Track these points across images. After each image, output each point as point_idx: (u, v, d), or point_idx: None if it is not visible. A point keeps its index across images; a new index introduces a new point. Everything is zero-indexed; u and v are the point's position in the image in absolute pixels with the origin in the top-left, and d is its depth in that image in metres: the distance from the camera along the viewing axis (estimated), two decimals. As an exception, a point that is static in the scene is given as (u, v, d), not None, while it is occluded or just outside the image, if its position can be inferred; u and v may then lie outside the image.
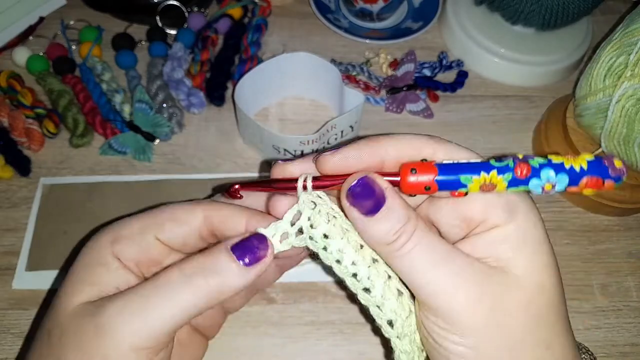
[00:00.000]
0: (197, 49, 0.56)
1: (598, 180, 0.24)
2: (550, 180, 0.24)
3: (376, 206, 0.25)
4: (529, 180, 0.25)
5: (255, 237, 0.27)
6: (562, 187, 0.24)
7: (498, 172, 0.25)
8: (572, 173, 0.24)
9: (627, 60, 0.41)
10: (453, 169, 0.25)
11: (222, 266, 0.26)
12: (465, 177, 0.25)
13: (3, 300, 0.42)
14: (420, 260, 0.25)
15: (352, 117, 0.48)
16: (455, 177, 0.25)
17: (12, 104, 0.51)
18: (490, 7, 0.57)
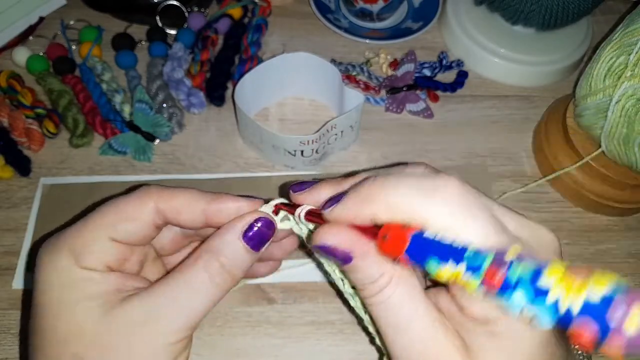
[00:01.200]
0: (197, 49, 0.56)
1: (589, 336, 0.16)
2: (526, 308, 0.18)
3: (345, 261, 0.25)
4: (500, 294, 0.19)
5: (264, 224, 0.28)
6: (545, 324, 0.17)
7: (467, 269, 0.20)
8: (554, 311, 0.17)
9: (627, 60, 0.41)
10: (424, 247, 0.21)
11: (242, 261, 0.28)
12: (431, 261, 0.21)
13: (3, 300, 0.42)
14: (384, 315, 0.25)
15: (352, 117, 0.48)
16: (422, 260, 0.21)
17: (12, 104, 0.51)
18: (490, 7, 0.57)
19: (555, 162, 0.50)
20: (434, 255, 0.21)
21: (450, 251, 0.20)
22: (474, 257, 0.19)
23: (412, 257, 0.22)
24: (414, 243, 0.22)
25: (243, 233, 0.28)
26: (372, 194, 0.24)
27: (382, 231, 0.23)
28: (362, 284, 0.25)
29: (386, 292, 0.25)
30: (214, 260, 0.27)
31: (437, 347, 0.24)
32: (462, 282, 0.20)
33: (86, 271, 0.27)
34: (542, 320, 0.17)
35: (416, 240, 0.22)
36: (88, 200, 0.46)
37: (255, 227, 0.28)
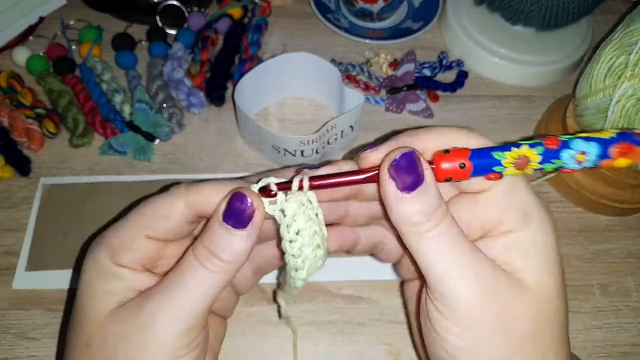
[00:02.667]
0: (197, 49, 0.56)
1: (628, 145, 0.24)
2: (582, 148, 0.24)
3: (415, 183, 0.25)
4: (560, 152, 0.25)
5: (237, 199, 0.27)
6: (595, 157, 0.24)
7: (529, 146, 0.25)
8: (600, 142, 0.24)
9: (627, 60, 0.41)
10: (485, 148, 0.26)
11: (225, 241, 0.27)
12: (497, 153, 0.25)
13: (3, 300, 0.42)
14: (440, 248, 0.26)
15: (352, 117, 0.48)
16: (488, 154, 0.25)
17: (12, 104, 0.51)
18: (490, 7, 0.57)
19: (555, 162, 0.50)
20: (497, 150, 0.25)
21: (507, 145, 0.25)
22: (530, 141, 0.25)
23: (477, 158, 0.25)
24: (475, 151, 0.26)
25: (222, 213, 0.27)
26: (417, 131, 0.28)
27: (437, 152, 0.26)
28: (426, 213, 0.25)
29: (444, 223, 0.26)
30: (200, 245, 0.27)
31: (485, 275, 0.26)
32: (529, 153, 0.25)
33: (118, 267, 0.28)
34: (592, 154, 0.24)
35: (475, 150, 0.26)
36: (88, 200, 0.47)
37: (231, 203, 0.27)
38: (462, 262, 0.26)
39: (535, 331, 0.26)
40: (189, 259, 0.27)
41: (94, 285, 0.28)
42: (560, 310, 0.27)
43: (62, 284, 0.42)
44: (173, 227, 0.29)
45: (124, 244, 0.29)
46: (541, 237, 0.27)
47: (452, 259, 0.26)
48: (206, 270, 0.27)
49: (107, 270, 0.28)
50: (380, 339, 0.42)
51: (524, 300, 0.26)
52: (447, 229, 0.26)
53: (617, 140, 0.24)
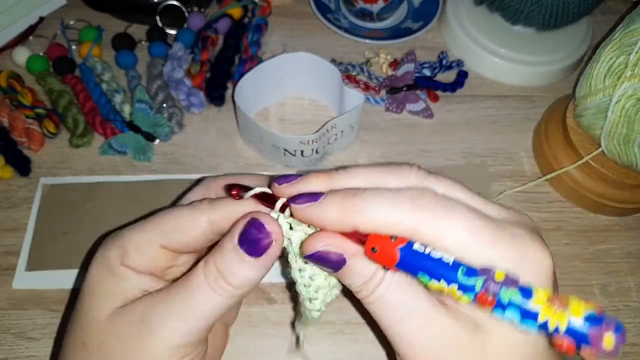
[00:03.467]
0: (197, 49, 0.56)
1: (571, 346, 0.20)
2: (515, 322, 0.21)
3: (337, 267, 0.26)
4: (493, 311, 0.21)
5: (254, 227, 0.26)
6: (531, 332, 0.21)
7: (459, 288, 0.22)
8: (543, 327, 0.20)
9: (627, 60, 0.41)
10: (416, 262, 0.23)
11: (236, 267, 0.26)
12: (423, 277, 0.23)
13: (3, 300, 0.42)
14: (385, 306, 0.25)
15: (352, 117, 0.48)
16: (414, 272, 0.23)
17: (12, 104, 0.51)
18: (490, 7, 0.57)
19: (555, 162, 0.50)
20: (425, 272, 0.22)
21: (440, 268, 0.22)
22: (466, 278, 0.21)
23: (403, 269, 0.23)
24: (404, 256, 0.23)
25: (238, 237, 0.26)
26: (355, 205, 0.24)
27: (369, 243, 0.24)
28: (359, 285, 0.25)
29: (382, 287, 0.25)
30: (212, 265, 0.27)
31: (442, 329, 0.24)
32: (455, 296, 0.22)
33: (124, 267, 0.28)
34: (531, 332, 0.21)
35: (406, 254, 0.23)
36: (88, 200, 0.47)
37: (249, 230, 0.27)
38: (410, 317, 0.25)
39: None
40: (198, 275, 0.27)
41: (99, 284, 0.28)
42: None
43: (62, 284, 0.42)
44: (190, 242, 0.29)
45: (137, 248, 0.28)
46: None
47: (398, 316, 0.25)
48: (212, 292, 0.26)
49: (115, 271, 0.28)
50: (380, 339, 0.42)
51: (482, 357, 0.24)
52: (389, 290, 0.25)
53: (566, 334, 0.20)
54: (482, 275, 0.21)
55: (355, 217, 0.24)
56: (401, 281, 0.25)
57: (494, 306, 0.21)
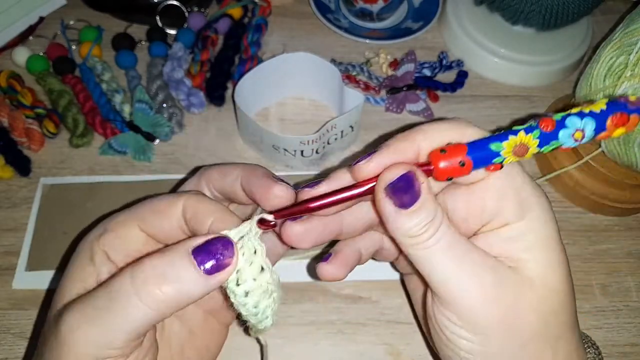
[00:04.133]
0: (197, 49, 0.56)
1: (623, 115, 0.24)
2: (578, 126, 0.24)
3: (411, 201, 0.25)
4: (557, 133, 0.24)
5: (221, 241, 0.24)
6: (592, 132, 0.24)
7: (525, 132, 0.25)
8: (595, 115, 0.24)
9: (627, 60, 0.41)
10: (482, 142, 0.25)
11: (180, 272, 0.23)
12: (495, 144, 0.25)
13: (3, 300, 0.42)
14: (440, 255, 0.26)
15: (352, 117, 0.48)
16: (485, 147, 0.25)
17: (12, 104, 0.51)
18: (490, 7, 0.57)
19: (555, 162, 0.50)
20: (495, 140, 0.25)
21: (503, 133, 0.25)
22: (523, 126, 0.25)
23: (475, 153, 0.25)
24: (471, 145, 0.25)
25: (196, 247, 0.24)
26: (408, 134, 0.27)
27: (433, 153, 0.26)
28: (423, 225, 0.25)
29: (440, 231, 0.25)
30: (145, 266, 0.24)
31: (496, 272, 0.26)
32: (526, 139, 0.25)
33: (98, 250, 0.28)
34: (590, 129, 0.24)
35: (470, 143, 0.26)
36: (88, 200, 0.47)
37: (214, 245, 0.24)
38: (463, 266, 0.26)
39: (543, 325, 0.26)
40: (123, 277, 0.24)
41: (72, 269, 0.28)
42: (565, 300, 0.27)
43: (62, 284, 0.43)
44: (165, 226, 0.28)
45: (115, 229, 0.28)
46: (540, 227, 0.27)
47: (453, 264, 0.25)
48: (137, 300, 0.23)
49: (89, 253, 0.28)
50: (380, 339, 0.42)
51: (529, 296, 0.26)
52: (444, 236, 0.26)
53: (611, 111, 0.24)
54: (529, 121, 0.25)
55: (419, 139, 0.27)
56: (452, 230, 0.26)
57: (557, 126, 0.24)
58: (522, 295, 0.26)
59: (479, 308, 0.25)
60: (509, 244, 0.27)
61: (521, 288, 0.26)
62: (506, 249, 0.27)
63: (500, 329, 0.26)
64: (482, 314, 0.25)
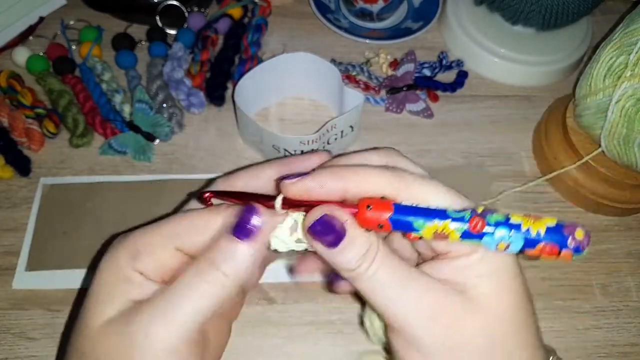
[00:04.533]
0: (197, 49, 0.56)
1: (553, 248, 0.24)
2: (504, 240, 0.24)
3: (337, 239, 0.26)
4: (482, 236, 0.24)
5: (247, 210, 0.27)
6: (517, 250, 0.24)
7: (452, 221, 0.25)
8: (527, 236, 0.24)
9: (627, 60, 0.41)
10: (408, 212, 0.25)
11: (228, 251, 0.26)
12: (418, 222, 0.25)
13: (3, 300, 0.42)
14: (382, 283, 0.26)
15: (352, 117, 0.48)
16: (408, 221, 0.25)
17: (12, 104, 0.51)
18: (490, 7, 0.57)
19: (555, 162, 0.50)
20: (419, 217, 0.25)
21: (431, 212, 0.25)
22: (456, 213, 0.25)
23: (396, 221, 0.25)
24: (397, 210, 0.25)
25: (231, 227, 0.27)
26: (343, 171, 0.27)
27: (363, 202, 0.26)
28: (356, 260, 0.25)
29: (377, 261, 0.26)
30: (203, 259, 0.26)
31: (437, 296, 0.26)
32: (448, 231, 0.25)
33: (133, 273, 0.27)
34: (515, 246, 0.24)
35: (399, 208, 0.25)
36: (88, 200, 0.47)
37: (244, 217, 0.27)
38: (406, 291, 0.26)
39: (489, 348, 0.26)
40: (187, 272, 0.26)
41: (104, 288, 0.27)
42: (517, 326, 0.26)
43: (62, 284, 0.42)
44: (201, 242, 0.28)
45: (149, 250, 0.27)
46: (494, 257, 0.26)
47: (395, 290, 0.26)
48: (205, 284, 0.26)
49: (121, 274, 0.27)
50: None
51: (474, 319, 0.26)
52: (382, 265, 0.26)
53: (546, 239, 0.24)
54: (468, 209, 0.25)
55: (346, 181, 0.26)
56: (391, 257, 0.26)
57: (483, 231, 0.24)
58: (467, 318, 0.26)
59: (422, 329, 0.25)
60: (458, 272, 0.26)
61: (466, 311, 0.26)
62: (456, 275, 0.27)
63: (445, 350, 0.25)
64: (425, 334, 0.25)
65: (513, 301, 0.26)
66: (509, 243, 0.24)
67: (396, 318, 0.26)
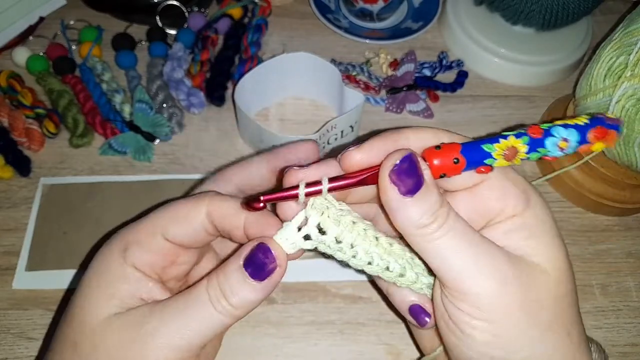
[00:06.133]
0: (197, 49, 0.56)
1: (602, 129, 0.25)
2: (563, 135, 0.25)
3: (416, 185, 0.25)
4: (544, 140, 0.25)
5: (261, 251, 0.27)
6: (575, 142, 0.25)
7: (515, 137, 0.25)
8: (578, 127, 0.25)
9: (627, 60, 0.41)
10: (475, 143, 0.26)
11: (239, 288, 0.27)
12: (487, 145, 0.26)
13: (3, 300, 0.42)
14: (451, 246, 0.25)
15: (352, 117, 0.48)
16: (478, 148, 0.26)
17: (12, 104, 0.51)
18: (490, 7, 0.57)
19: (555, 162, 0.50)
20: (486, 142, 0.26)
21: (496, 136, 0.26)
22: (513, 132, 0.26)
23: (468, 150, 0.26)
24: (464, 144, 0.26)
25: (244, 259, 0.27)
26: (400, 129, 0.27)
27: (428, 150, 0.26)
28: (430, 214, 0.25)
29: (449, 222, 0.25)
30: (214, 280, 0.27)
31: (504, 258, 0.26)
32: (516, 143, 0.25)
33: (129, 268, 0.28)
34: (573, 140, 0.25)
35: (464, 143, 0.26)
36: (88, 200, 0.47)
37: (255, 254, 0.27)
38: (477, 257, 0.25)
39: (559, 310, 0.26)
40: (201, 290, 0.27)
41: (98, 284, 0.28)
42: (573, 287, 0.27)
43: (62, 284, 0.42)
44: (190, 232, 0.29)
45: (139, 241, 0.28)
46: (543, 215, 0.27)
47: (466, 255, 0.25)
48: (213, 310, 0.27)
49: (117, 270, 0.28)
50: (380, 339, 0.42)
51: (543, 282, 0.26)
52: (454, 226, 0.25)
53: (592, 125, 0.25)
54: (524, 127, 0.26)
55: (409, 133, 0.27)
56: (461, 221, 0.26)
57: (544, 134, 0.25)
58: (537, 282, 0.26)
59: (496, 298, 0.25)
60: (513, 234, 0.27)
61: (534, 275, 0.26)
62: (510, 240, 0.27)
63: (518, 317, 0.25)
64: (499, 304, 0.25)
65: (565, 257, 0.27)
66: (567, 138, 0.25)
67: (468, 287, 0.25)
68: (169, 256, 0.29)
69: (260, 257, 0.27)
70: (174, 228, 0.29)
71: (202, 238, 0.30)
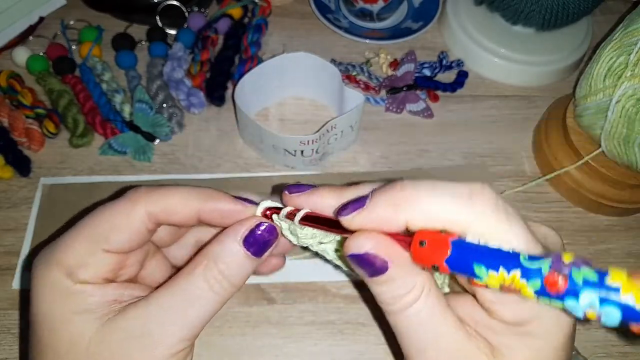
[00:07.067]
0: (197, 49, 0.56)
1: None
2: (593, 307, 0.17)
3: (376, 272, 0.24)
4: (564, 297, 0.18)
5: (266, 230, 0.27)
6: (613, 322, 0.17)
7: (522, 275, 0.18)
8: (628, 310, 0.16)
9: (627, 60, 0.41)
10: (469, 253, 0.20)
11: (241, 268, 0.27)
12: (479, 268, 0.19)
13: (3, 300, 0.42)
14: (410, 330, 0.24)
15: (352, 117, 0.48)
16: (468, 265, 0.20)
17: (12, 104, 0.51)
18: (490, 7, 0.57)
19: (555, 162, 0.50)
20: (481, 262, 0.19)
21: (500, 256, 0.19)
22: (530, 262, 0.18)
23: (454, 264, 0.20)
24: (456, 249, 0.20)
25: (244, 239, 0.27)
26: (406, 198, 0.22)
27: (417, 237, 0.21)
28: (393, 296, 0.24)
29: (417, 306, 0.23)
30: (213, 268, 0.26)
31: (467, 355, 0.24)
32: (517, 286, 0.19)
33: (80, 285, 0.26)
34: (611, 318, 0.17)
35: (458, 247, 0.20)
36: (88, 200, 0.46)
37: (258, 232, 0.27)
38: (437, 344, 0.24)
39: None
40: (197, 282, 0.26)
41: (59, 309, 0.26)
42: None
43: (62, 284, 0.42)
44: (132, 238, 0.27)
45: (81, 262, 0.26)
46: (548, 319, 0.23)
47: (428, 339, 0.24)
48: (213, 294, 0.27)
49: (68, 291, 0.26)
50: (380, 339, 0.42)
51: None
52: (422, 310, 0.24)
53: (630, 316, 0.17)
54: (548, 258, 0.18)
55: (407, 211, 0.22)
56: (436, 303, 0.24)
57: (565, 291, 0.17)
58: None
59: None
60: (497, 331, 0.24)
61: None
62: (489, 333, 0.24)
63: None
64: None
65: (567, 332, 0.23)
66: (600, 314, 0.17)
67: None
68: (118, 264, 0.28)
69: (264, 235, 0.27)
70: (115, 237, 0.27)
71: (144, 238, 0.28)
